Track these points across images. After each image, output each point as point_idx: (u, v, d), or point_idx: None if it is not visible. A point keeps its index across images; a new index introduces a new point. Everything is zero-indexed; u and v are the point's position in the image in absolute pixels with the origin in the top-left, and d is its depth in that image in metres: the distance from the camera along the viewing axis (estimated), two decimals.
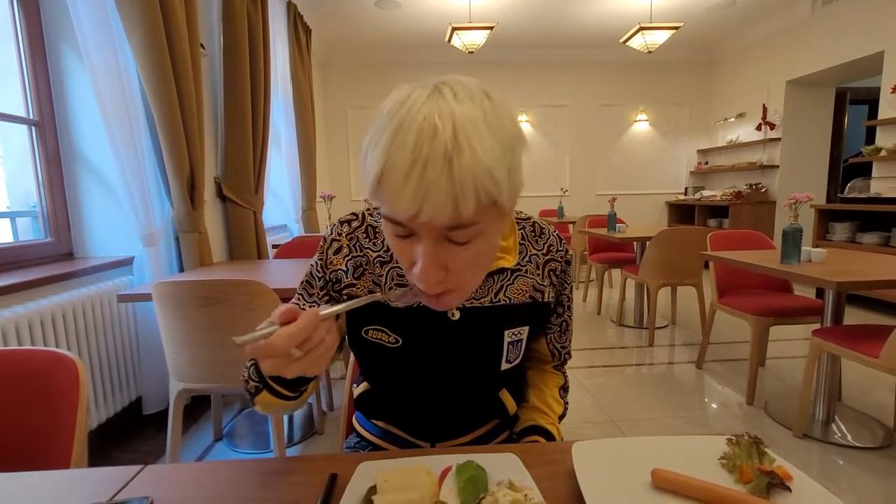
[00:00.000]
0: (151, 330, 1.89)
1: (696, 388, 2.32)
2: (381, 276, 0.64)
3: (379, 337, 0.65)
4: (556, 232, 0.72)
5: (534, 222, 0.71)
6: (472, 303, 0.64)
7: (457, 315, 0.64)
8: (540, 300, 0.69)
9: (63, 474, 0.56)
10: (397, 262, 0.63)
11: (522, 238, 0.69)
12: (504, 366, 0.68)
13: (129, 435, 1.87)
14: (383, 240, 0.64)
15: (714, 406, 2.14)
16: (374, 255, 0.64)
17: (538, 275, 0.68)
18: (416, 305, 0.63)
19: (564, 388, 0.81)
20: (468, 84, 0.46)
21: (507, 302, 0.66)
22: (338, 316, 0.56)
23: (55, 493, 0.50)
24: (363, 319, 0.65)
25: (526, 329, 0.68)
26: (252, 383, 0.60)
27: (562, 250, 0.71)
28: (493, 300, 0.65)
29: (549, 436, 0.72)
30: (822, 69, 4.35)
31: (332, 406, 2.15)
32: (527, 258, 0.68)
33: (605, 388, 2.33)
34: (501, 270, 0.66)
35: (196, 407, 2.11)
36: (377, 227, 0.65)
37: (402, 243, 0.49)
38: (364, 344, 0.67)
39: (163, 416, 1.88)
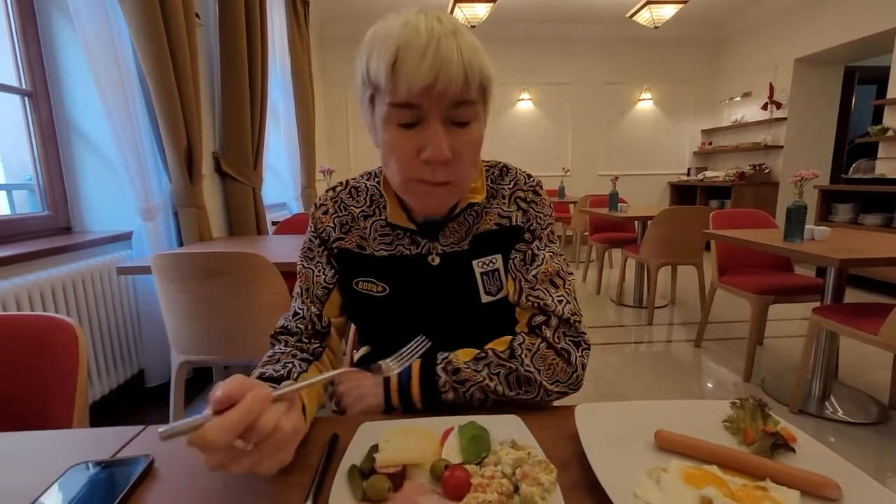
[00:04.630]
0: (152, 303, 1.88)
1: (693, 365, 2.34)
2: (366, 228, 0.69)
3: (368, 288, 0.68)
4: (525, 172, 0.74)
5: (502, 165, 0.74)
6: (451, 248, 0.68)
7: (437, 261, 0.67)
8: (507, 225, 0.69)
9: (65, 433, 0.56)
10: (379, 216, 0.69)
11: (490, 181, 0.72)
12: (484, 298, 0.68)
13: (132, 407, 1.89)
14: (366, 196, 0.70)
15: (710, 384, 2.16)
16: (358, 210, 0.70)
17: (504, 204, 0.70)
18: (399, 254, 0.67)
19: (512, 352, 0.60)
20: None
21: (477, 233, 0.69)
22: (327, 385, 0.53)
23: (57, 452, 0.50)
24: (353, 272, 0.69)
25: (498, 257, 0.69)
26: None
27: (530, 182, 0.72)
28: (469, 243, 0.69)
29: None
30: (831, 46, 4.25)
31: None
32: (494, 195, 0.71)
33: (603, 365, 2.35)
34: (473, 208, 0.68)
35: (199, 380, 2.13)
36: (359, 187, 0.72)
37: (406, 134, 0.55)
38: (355, 296, 0.70)
39: (165, 388, 1.89)
